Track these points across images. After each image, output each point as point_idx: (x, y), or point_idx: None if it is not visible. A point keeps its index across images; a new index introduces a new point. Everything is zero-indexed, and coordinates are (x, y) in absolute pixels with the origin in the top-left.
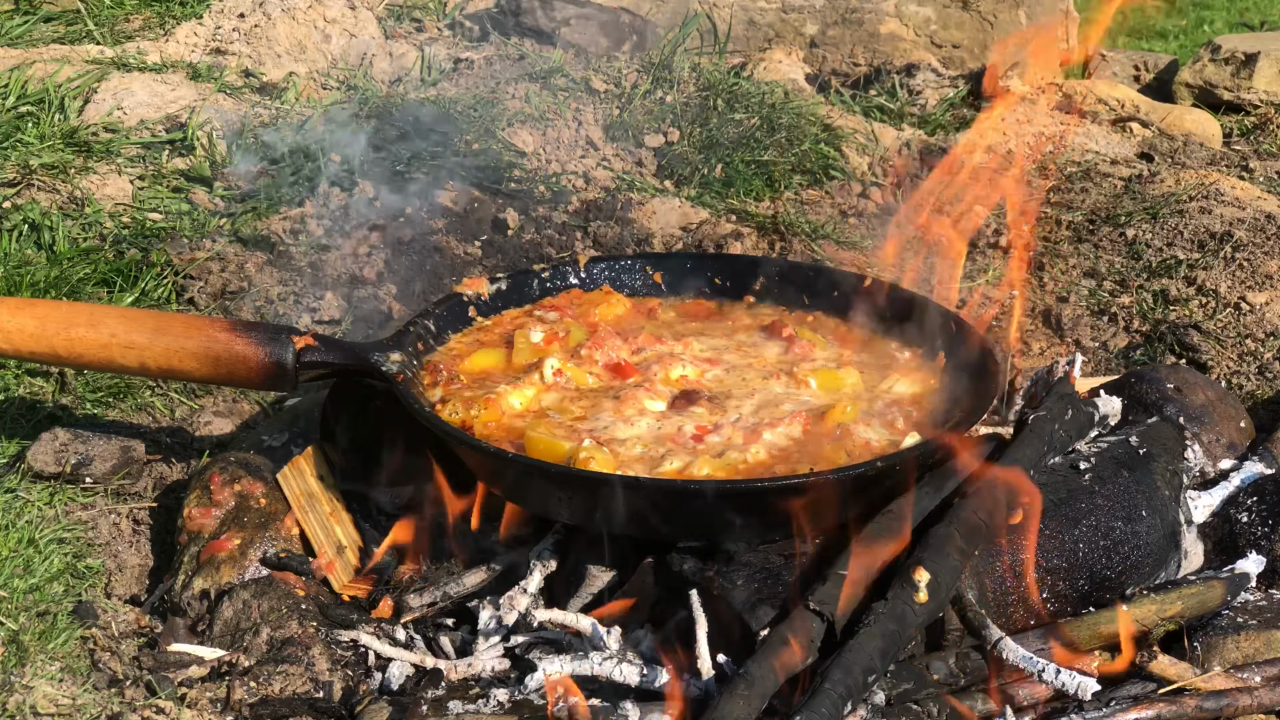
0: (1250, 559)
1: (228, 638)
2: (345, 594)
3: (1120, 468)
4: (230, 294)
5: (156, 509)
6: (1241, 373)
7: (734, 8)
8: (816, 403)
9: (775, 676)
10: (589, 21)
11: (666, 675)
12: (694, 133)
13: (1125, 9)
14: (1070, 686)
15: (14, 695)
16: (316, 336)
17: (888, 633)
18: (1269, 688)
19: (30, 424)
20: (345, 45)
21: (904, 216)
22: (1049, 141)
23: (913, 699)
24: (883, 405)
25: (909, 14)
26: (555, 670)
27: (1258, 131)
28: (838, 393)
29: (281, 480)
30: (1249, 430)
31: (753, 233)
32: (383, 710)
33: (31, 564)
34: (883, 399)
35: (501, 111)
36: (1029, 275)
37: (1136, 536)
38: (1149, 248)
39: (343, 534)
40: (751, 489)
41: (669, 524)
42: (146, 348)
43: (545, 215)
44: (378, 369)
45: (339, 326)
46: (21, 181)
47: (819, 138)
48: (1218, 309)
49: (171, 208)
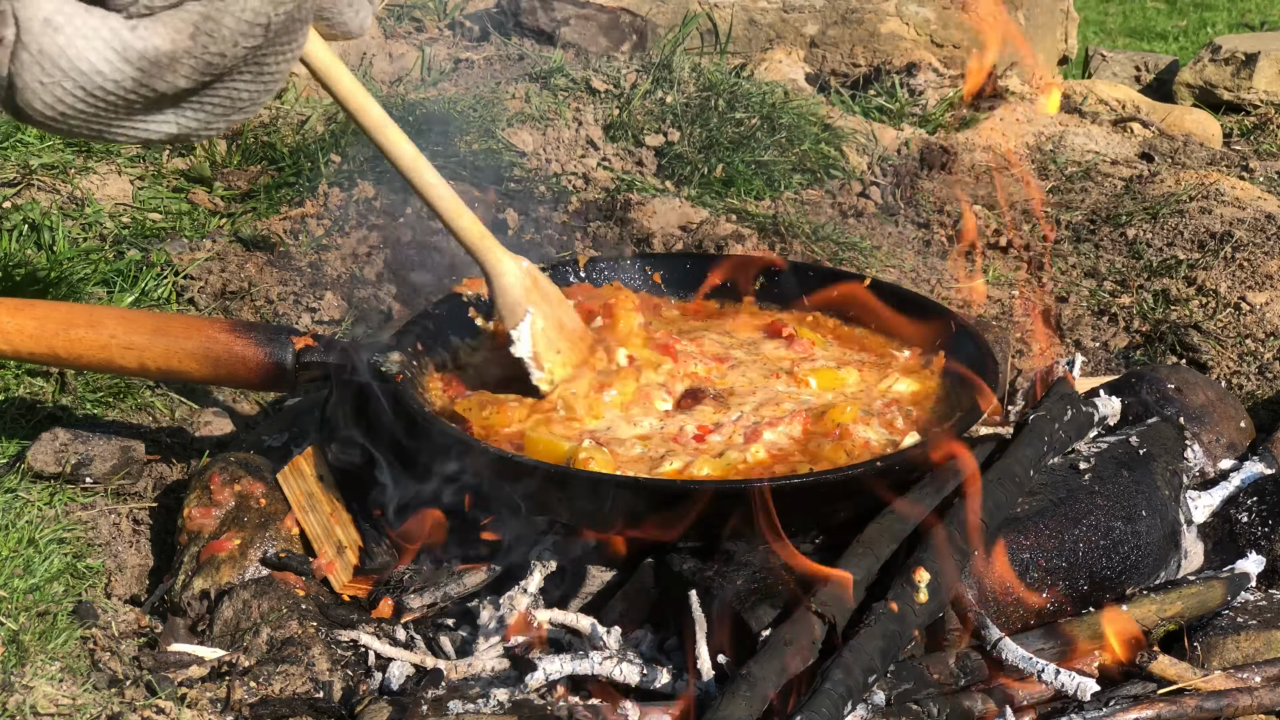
0: (1250, 559)
1: (228, 638)
2: (345, 594)
3: (1120, 468)
4: (230, 294)
5: (156, 509)
6: (1241, 373)
7: (734, 8)
8: (816, 402)
9: (777, 678)
10: (589, 21)
11: (666, 675)
12: (694, 133)
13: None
14: (1070, 687)
15: (14, 695)
16: (316, 337)
17: (888, 633)
18: (1269, 688)
19: (30, 424)
20: (345, 45)
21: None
22: (1048, 141)
23: (913, 699)
24: (882, 405)
25: (909, 14)
26: (555, 670)
27: (1258, 131)
28: (838, 392)
29: (281, 480)
30: (1249, 430)
31: (753, 233)
32: (383, 710)
33: (31, 564)
34: (882, 399)
35: (501, 111)
36: (1029, 275)
37: (1136, 536)
38: (1149, 248)
39: (343, 534)
40: (751, 489)
41: (668, 524)
42: (146, 348)
43: (545, 215)
44: (378, 369)
45: (339, 326)
46: (21, 181)
47: (819, 138)
48: (1218, 309)
49: (171, 208)
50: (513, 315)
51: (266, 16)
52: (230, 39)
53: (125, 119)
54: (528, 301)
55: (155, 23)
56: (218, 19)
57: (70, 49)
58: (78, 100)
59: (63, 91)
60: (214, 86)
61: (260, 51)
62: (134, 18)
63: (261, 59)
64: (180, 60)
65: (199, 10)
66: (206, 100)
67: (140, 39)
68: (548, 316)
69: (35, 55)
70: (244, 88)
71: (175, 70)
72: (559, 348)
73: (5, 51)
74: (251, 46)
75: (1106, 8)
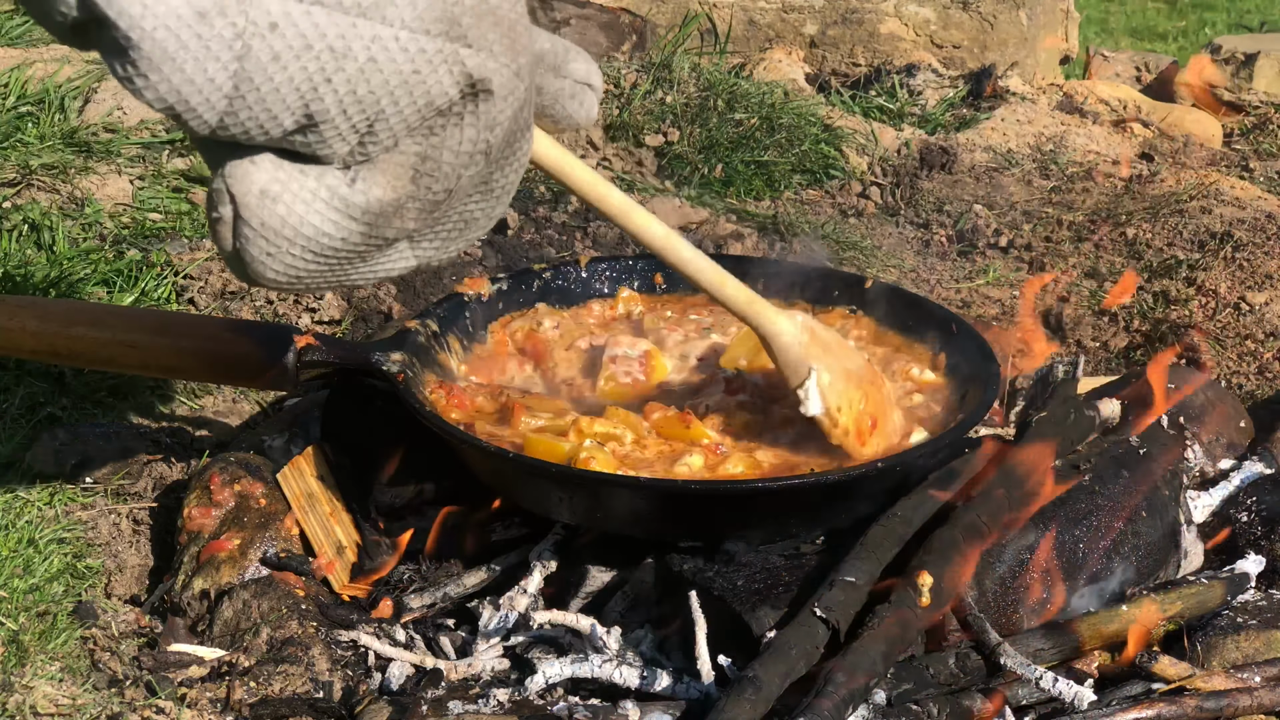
0: (1250, 559)
1: (228, 638)
2: (345, 594)
3: (1120, 468)
4: (230, 294)
5: (156, 509)
6: (1241, 373)
7: (734, 8)
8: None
9: (781, 681)
10: (589, 21)
11: (667, 677)
12: (694, 133)
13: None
14: (1067, 695)
15: (14, 695)
16: (317, 336)
17: (890, 636)
18: (1269, 688)
19: (30, 424)
20: None
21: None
22: (1049, 141)
23: (913, 699)
24: (902, 393)
25: (909, 14)
26: (555, 672)
27: (1257, 131)
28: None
29: (281, 480)
30: (1249, 430)
31: (753, 233)
32: (383, 710)
33: (31, 564)
34: (904, 386)
35: None
36: (1029, 275)
37: (1136, 536)
38: (1149, 248)
39: (343, 534)
40: (750, 490)
41: (669, 524)
42: (147, 347)
43: (545, 215)
44: (379, 369)
45: (339, 326)
46: (21, 181)
47: (819, 138)
48: (1218, 309)
49: (171, 208)
50: (796, 375)
51: (485, 142)
52: (452, 174)
53: (360, 264)
54: (808, 358)
55: (373, 171)
56: (436, 156)
57: (291, 218)
58: (308, 263)
59: (292, 259)
60: (445, 214)
61: (486, 172)
62: (351, 167)
63: (488, 178)
64: (405, 206)
65: (415, 151)
66: (440, 228)
67: (360, 193)
68: (832, 369)
69: (258, 229)
70: (475, 208)
71: (402, 216)
72: (851, 399)
73: (227, 229)
74: (475, 173)
75: (1107, 8)
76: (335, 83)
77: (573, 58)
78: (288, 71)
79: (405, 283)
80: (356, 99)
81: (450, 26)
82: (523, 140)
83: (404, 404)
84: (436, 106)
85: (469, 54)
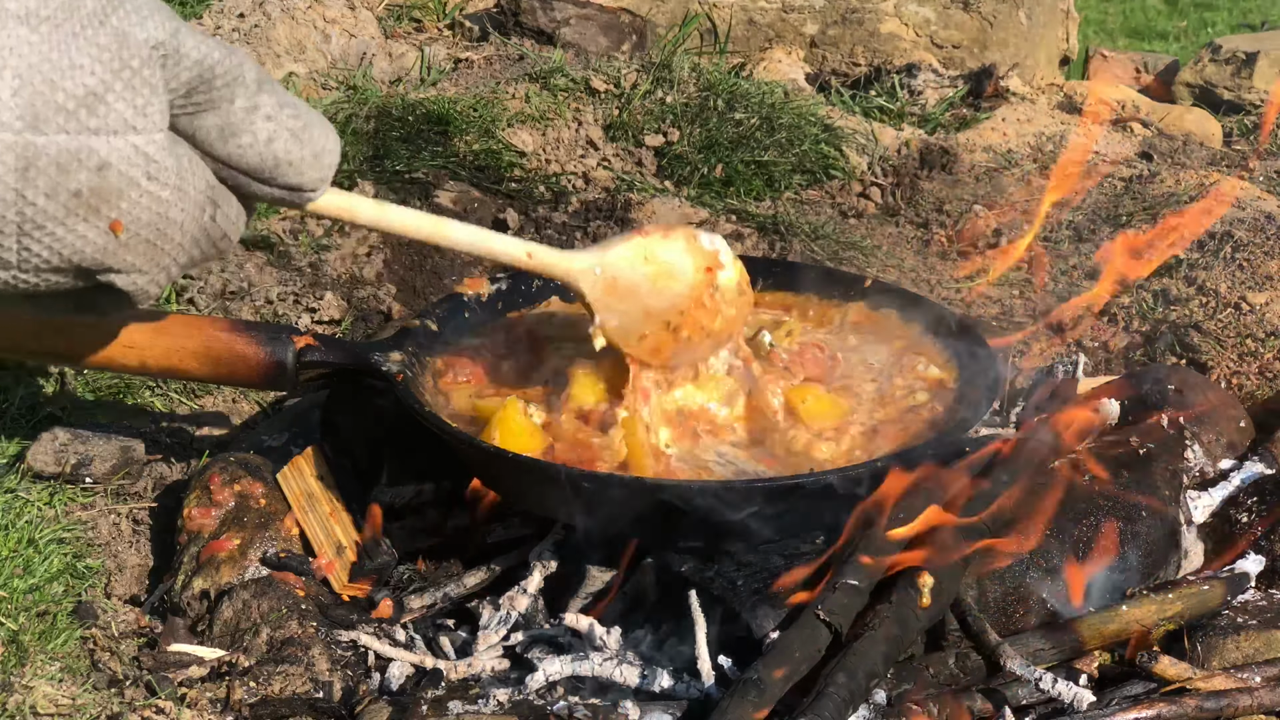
0: (1250, 559)
1: (228, 638)
2: (345, 594)
3: (1120, 468)
4: (230, 294)
5: (156, 509)
6: (1241, 373)
7: (734, 8)
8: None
9: (783, 682)
10: (589, 21)
11: (667, 676)
12: (694, 133)
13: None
14: (1067, 695)
15: (14, 695)
16: (317, 336)
17: (891, 637)
18: (1269, 688)
19: (30, 424)
20: (345, 45)
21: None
22: (1049, 141)
23: (913, 699)
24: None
25: (909, 14)
26: (555, 671)
27: (1258, 131)
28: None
29: (281, 480)
30: (1249, 430)
31: (753, 233)
32: (383, 710)
33: (31, 564)
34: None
35: (501, 111)
36: (1030, 275)
37: (1136, 536)
38: (1149, 247)
39: (343, 534)
40: (750, 490)
41: (669, 524)
42: (147, 347)
43: (545, 215)
44: (378, 369)
45: (339, 326)
46: None
47: (819, 138)
48: (1218, 309)
49: None
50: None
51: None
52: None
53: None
54: (599, 309)
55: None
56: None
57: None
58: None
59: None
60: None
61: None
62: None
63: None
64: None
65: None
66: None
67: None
68: (629, 311)
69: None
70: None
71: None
72: (651, 328)
73: None
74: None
75: (1107, 8)
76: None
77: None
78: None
79: (406, 283)
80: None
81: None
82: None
83: (404, 404)
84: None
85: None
